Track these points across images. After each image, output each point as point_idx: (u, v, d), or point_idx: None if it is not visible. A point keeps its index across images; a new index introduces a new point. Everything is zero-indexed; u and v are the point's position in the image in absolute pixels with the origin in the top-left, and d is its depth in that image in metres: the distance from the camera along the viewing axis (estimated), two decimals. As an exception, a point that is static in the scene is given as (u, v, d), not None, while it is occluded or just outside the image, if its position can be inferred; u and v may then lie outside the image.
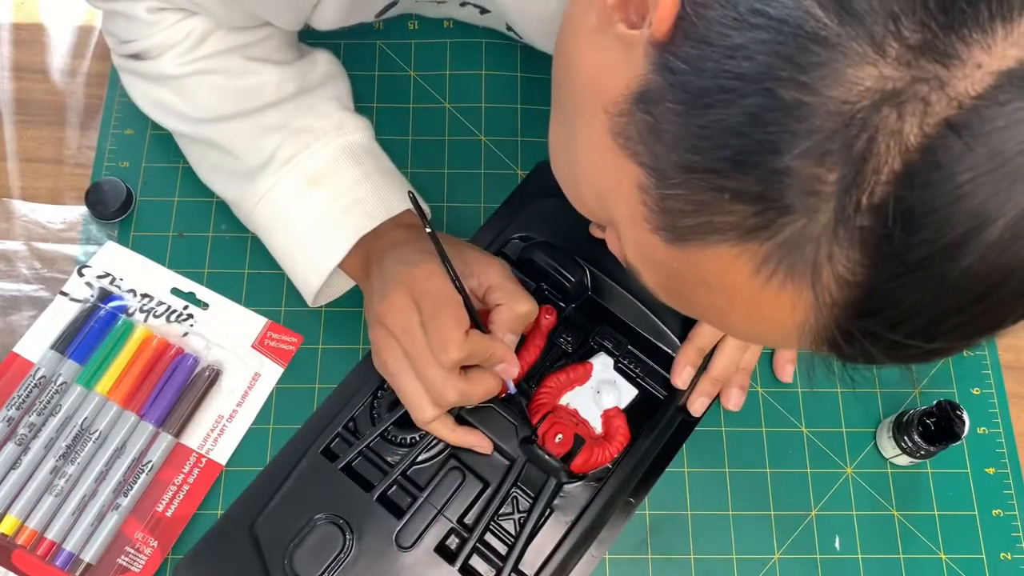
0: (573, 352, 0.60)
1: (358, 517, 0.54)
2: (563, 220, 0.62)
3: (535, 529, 0.55)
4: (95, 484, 0.56)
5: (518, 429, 0.56)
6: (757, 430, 0.60)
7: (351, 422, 0.57)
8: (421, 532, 0.54)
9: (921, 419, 0.56)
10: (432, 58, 0.70)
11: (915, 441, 0.56)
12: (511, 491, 0.56)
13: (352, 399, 0.57)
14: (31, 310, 0.61)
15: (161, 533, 0.55)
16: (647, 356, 0.60)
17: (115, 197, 0.63)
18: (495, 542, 0.55)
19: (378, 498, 0.55)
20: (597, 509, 0.56)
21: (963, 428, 0.55)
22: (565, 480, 0.56)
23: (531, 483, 0.56)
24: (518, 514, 0.56)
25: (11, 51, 0.70)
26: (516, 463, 0.56)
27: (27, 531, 0.54)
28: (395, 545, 0.54)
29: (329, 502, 0.54)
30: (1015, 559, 0.58)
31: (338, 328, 0.61)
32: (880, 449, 0.60)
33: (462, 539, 0.55)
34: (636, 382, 0.59)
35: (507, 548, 0.55)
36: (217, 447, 0.58)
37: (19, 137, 0.67)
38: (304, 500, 0.55)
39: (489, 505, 0.55)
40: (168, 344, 0.59)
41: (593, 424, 0.57)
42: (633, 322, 0.60)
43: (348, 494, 0.55)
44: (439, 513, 0.55)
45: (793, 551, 0.57)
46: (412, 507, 0.55)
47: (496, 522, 0.56)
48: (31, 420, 0.56)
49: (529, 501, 0.56)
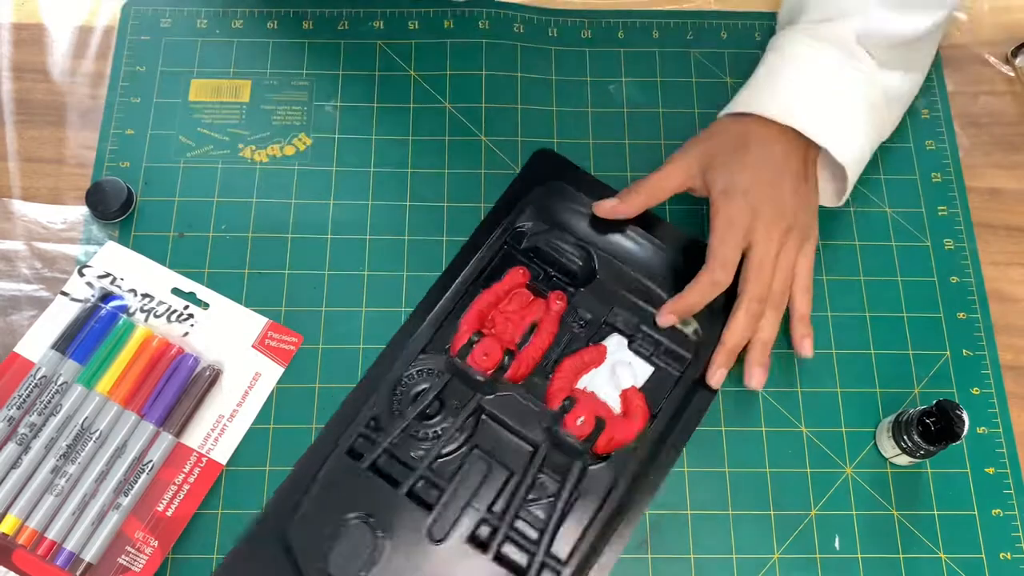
0: (586, 335, 0.60)
1: (388, 514, 0.54)
2: (565, 205, 0.62)
3: (564, 513, 0.56)
4: (96, 484, 0.56)
5: (539, 415, 0.56)
6: (757, 430, 0.60)
7: (373, 420, 0.57)
8: (452, 524, 0.54)
9: (921, 419, 0.56)
10: (432, 58, 0.70)
11: (915, 441, 0.56)
12: (537, 477, 0.56)
13: (372, 396, 0.57)
14: (31, 310, 0.61)
15: (161, 533, 0.55)
16: (659, 334, 0.60)
17: (115, 197, 0.63)
18: (526, 528, 0.56)
19: (407, 493, 0.55)
20: (623, 488, 0.56)
21: (963, 428, 0.55)
22: (590, 462, 0.56)
23: (556, 468, 0.56)
24: (546, 499, 0.56)
25: (11, 51, 0.70)
26: (540, 449, 0.56)
27: (27, 531, 0.54)
28: (428, 539, 0.54)
29: (358, 502, 0.54)
30: (1015, 559, 0.58)
31: (338, 328, 0.62)
32: (880, 449, 0.60)
33: (493, 528, 0.55)
34: (651, 360, 0.60)
35: (538, 533, 0.55)
36: (217, 447, 0.58)
37: (19, 137, 0.67)
38: (333, 502, 0.54)
39: (517, 492, 0.55)
40: (169, 344, 0.60)
41: (612, 405, 0.58)
42: (643, 301, 0.60)
43: (376, 492, 0.55)
44: (468, 504, 0.55)
45: (793, 551, 0.57)
46: (440, 500, 0.55)
47: (525, 508, 0.56)
48: (32, 420, 0.56)
49: (556, 485, 0.56)
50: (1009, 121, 0.71)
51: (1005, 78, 0.72)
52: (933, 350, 0.63)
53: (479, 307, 0.59)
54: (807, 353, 0.60)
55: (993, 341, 0.63)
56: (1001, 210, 0.68)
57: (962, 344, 0.63)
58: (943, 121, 0.70)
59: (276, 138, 0.67)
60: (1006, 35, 0.73)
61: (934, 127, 0.70)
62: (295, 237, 0.64)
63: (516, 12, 0.72)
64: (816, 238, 0.61)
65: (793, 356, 0.62)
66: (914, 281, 0.65)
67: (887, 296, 0.64)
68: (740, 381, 0.61)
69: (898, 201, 0.67)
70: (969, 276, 0.65)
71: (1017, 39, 0.72)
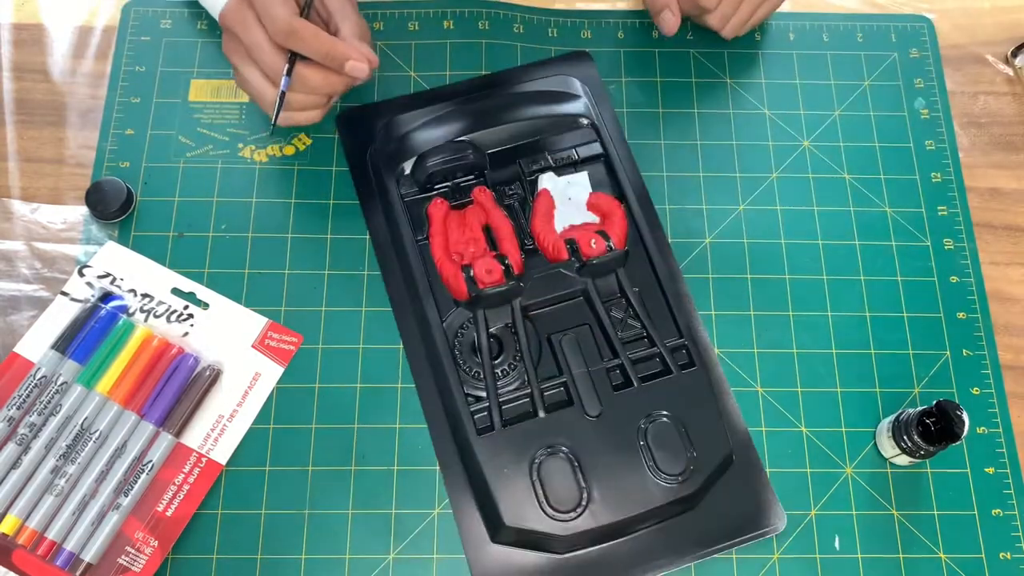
0: (524, 195, 0.63)
1: (551, 438, 0.56)
2: (410, 130, 0.64)
3: (645, 308, 0.60)
4: (95, 484, 0.56)
5: (564, 271, 0.60)
6: (757, 430, 0.60)
7: (468, 396, 0.58)
8: (594, 395, 0.57)
9: (920, 419, 0.56)
10: (432, 58, 0.70)
11: (915, 441, 0.56)
12: (607, 306, 0.60)
13: (444, 383, 0.58)
14: (31, 310, 0.61)
15: (161, 533, 0.55)
16: (567, 144, 0.64)
17: (115, 197, 0.63)
18: (638, 344, 0.60)
19: (546, 412, 0.57)
20: (657, 248, 0.62)
21: (963, 428, 0.55)
22: (623, 262, 0.60)
23: (610, 289, 0.61)
24: (627, 314, 0.61)
25: (11, 51, 0.70)
26: (588, 288, 0.60)
27: (27, 531, 0.54)
28: (592, 421, 0.57)
29: (523, 454, 0.56)
30: (1015, 559, 0.58)
31: (338, 328, 0.62)
32: (880, 449, 0.60)
33: (619, 366, 0.58)
34: (577, 167, 0.64)
35: (646, 337, 0.59)
36: (217, 447, 0.58)
37: (19, 137, 0.67)
38: (510, 475, 0.55)
39: (606, 330, 0.59)
40: (168, 344, 0.60)
41: (592, 218, 0.62)
42: (539, 135, 0.63)
43: (526, 436, 0.56)
44: (588, 372, 0.58)
45: (793, 551, 0.57)
46: (570, 390, 0.58)
47: (624, 332, 0.60)
48: (31, 420, 0.56)
49: (621, 297, 0.61)
50: (1009, 121, 0.71)
51: (1005, 78, 0.72)
52: (933, 350, 0.63)
53: (439, 253, 0.60)
54: (670, 30, 0.67)
55: (993, 341, 0.63)
56: (1001, 210, 0.68)
57: (962, 344, 0.63)
58: (943, 121, 0.70)
59: (276, 138, 0.67)
60: (1006, 35, 0.73)
61: (934, 127, 0.70)
62: (295, 237, 0.64)
63: (516, 12, 0.72)
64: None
65: (793, 356, 0.62)
66: (914, 281, 0.65)
67: (887, 296, 0.64)
68: (736, 383, 0.61)
69: (898, 201, 0.67)
70: (969, 276, 0.65)
71: (1017, 39, 0.72)
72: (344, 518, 0.57)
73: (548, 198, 0.62)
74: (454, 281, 0.59)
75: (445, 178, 0.63)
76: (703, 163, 0.67)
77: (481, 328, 0.59)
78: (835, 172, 0.68)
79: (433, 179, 0.63)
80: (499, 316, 0.59)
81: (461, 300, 0.59)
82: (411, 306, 0.61)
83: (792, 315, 0.63)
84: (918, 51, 0.72)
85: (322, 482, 0.58)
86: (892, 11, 0.74)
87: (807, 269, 0.65)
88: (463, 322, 0.60)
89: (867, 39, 0.73)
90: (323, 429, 0.59)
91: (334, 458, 0.58)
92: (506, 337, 0.59)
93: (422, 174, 0.62)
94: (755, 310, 0.63)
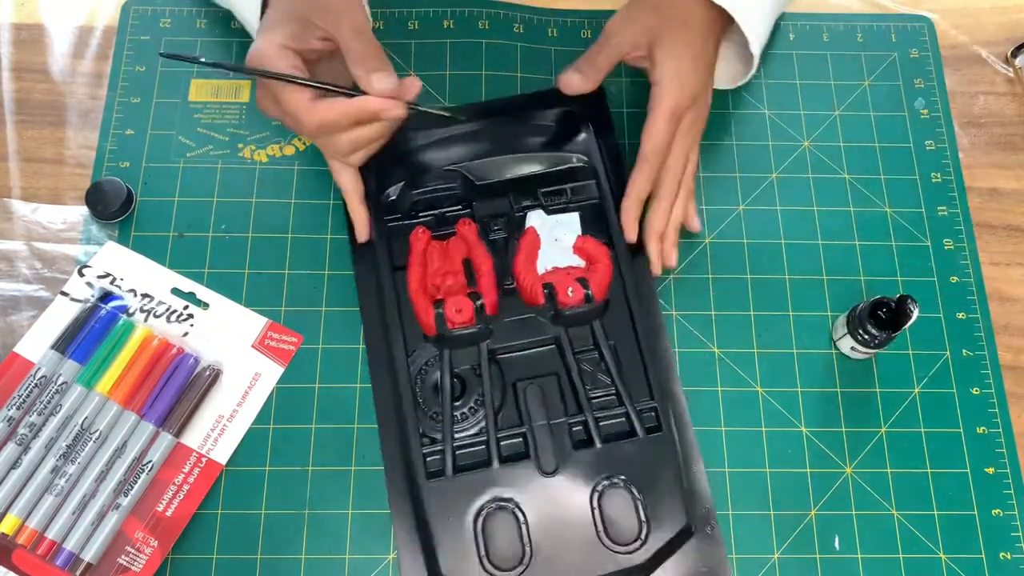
0: (509, 231, 0.61)
1: (501, 489, 0.55)
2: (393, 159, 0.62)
3: (618, 362, 0.58)
4: (95, 484, 0.56)
5: (537, 317, 0.58)
6: (757, 430, 0.60)
7: (424, 437, 0.56)
8: (552, 449, 0.56)
9: (873, 311, 0.58)
10: (432, 58, 0.70)
11: (868, 331, 0.58)
12: (577, 359, 0.58)
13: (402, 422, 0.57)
14: (31, 310, 0.61)
15: (161, 533, 0.55)
16: (561, 183, 0.62)
17: (115, 197, 0.63)
18: (605, 399, 0.58)
19: (500, 463, 0.55)
20: (640, 310, 0.59)
21: (912, 315, 0.56)
22: (601, 314, 0.58)
23: (584, 340, 0.58)
24: (598, 368, 0.58)
25: (11, 51, 0.70)
26: (561, 337, 0.58)
27: (27, 531, 0.54)
28: (545, 476, 0.55)
29: (471, 502, 0.54)
30: (1015, 559, 0.58)
31: (338, 328, 0.62)
32: (838, 346, 0.62)
33: (582, 423, 0.57)
34: (567, 207, 0.62)
35: (615, 394, 0.57)
36: (217, 447, 0.58)
37: (19, 137, 0.67)
38: (453, 522, 0.54)
39: (574, 382, 0.57)
40: (168, 344, 0.60)
41: (577, 262, 0.60)
42: (527, 170, 0.62)
43: (475, 484, 0.55)
44: (549, 424, 0.56)
45: (793, 551, 0.57)
46: (528, 442, 0.56)
47: (591, 387, 0.58)
48: (31, 420, 0.56)
49: (595, 352, 0.58)
50: (1009, 121, 0.71)
51: (1005, 78, 0.72)
52: (933, 350, 0.63)
53: (414, 285, 0.59)
54: (668, 263, 0.62)
55: (993, 341, 0.63)
56: (1001, 210, 0.68)
57: (962, 344, 0.63)
58: (943, 121, 0.70)
59: (276, 138, 0.67)
60: (1006, 35, 0.73)
61: (934, 127, 0.70)
62: (295, 237, 0.64)
63: (516, 12, 0.72)
64: None
65: (793, 356, 0.62)
66: (914, 281, 0.65)
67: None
68: (736, 383, 0.61)
69: (898, 201, 0.67)
70: (969, 276, 0.65)
71: (1017, 39, 0.72)
72: (344, 518, 0.57)
73: (534, 236, 0.60)
74: (424, 316, 0.57)
75: (431, 206, 0.62)
76: (703, 163, 0.67)
77: (445, 369, 0.57)
78: (835, 172, 0.68)
79: (418, 207, 0.62)
80: (467, 356, 0.58)
81: (430, 336, 0.58)
82: (383, 340, 0.60)
83: (792, 315, 0.63)
84: (918, 51, 0.72)
85: (322, 482, 0.58)
86: (892, 11, 0.74)
87: (807, 269, 0.65)
88: (429, 358, 0.58)
89: (867, 39, 0.73)
90: (323, 429, 0.59)
91: (334, 458, 0.58)
92: (471, 379, 0.58)
93: (406, 201, 0.61)
94: (755, 310, 0.63)
